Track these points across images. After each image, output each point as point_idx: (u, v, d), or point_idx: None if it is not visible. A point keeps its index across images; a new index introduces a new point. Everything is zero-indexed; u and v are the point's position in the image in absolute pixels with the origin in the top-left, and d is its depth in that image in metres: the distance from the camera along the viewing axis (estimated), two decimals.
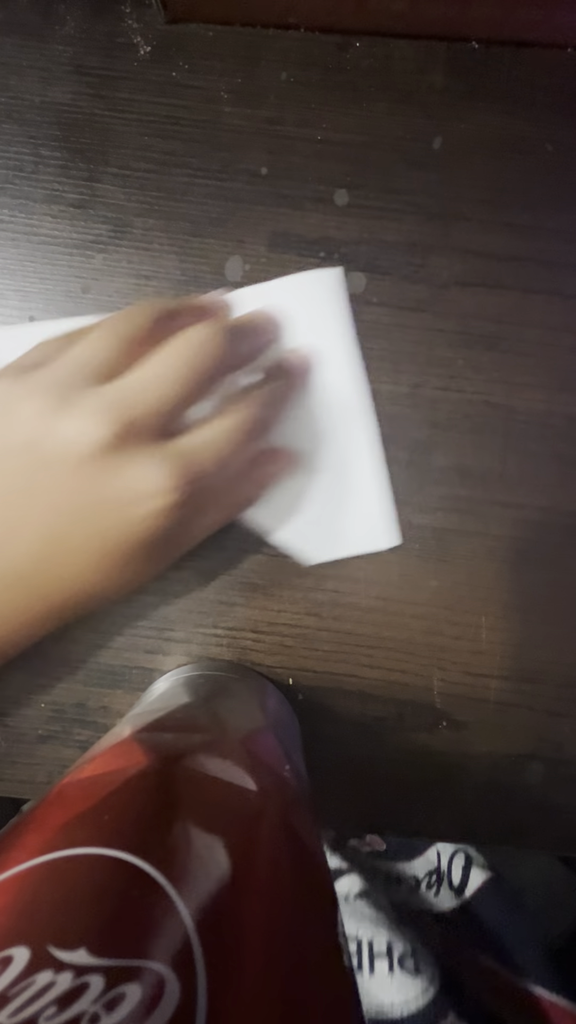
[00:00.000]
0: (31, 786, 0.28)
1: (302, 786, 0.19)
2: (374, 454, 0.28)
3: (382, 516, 0.28)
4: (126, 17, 0.28)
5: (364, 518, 0.28)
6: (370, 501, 0.28)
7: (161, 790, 0.14)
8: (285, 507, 0.28)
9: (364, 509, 0.28)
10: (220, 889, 0.12)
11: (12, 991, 0.09)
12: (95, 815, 0.13)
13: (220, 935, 0.10)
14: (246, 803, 0.15)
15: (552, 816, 0.28)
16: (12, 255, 0.28)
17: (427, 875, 0.42)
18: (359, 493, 0.28)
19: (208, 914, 0.11)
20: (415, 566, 0.28)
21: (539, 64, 0.28)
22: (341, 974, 0.12)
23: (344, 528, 0.28)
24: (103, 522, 0.20)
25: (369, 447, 0.28)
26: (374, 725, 0.28)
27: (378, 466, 0.28)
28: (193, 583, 0.28)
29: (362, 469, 0.28)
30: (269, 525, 0.28)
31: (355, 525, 0.28)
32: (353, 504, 0.28)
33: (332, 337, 0.28)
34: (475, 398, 0.28)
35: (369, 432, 0.28)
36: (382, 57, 0.29)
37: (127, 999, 0.09)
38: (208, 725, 0.19)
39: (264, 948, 0.11)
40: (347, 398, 0.28)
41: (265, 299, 0.27)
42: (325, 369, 0.28)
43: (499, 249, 0.28)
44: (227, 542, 0.28)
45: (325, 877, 0.15)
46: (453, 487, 0.28)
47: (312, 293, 0.28)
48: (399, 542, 0.28)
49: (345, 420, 0.28)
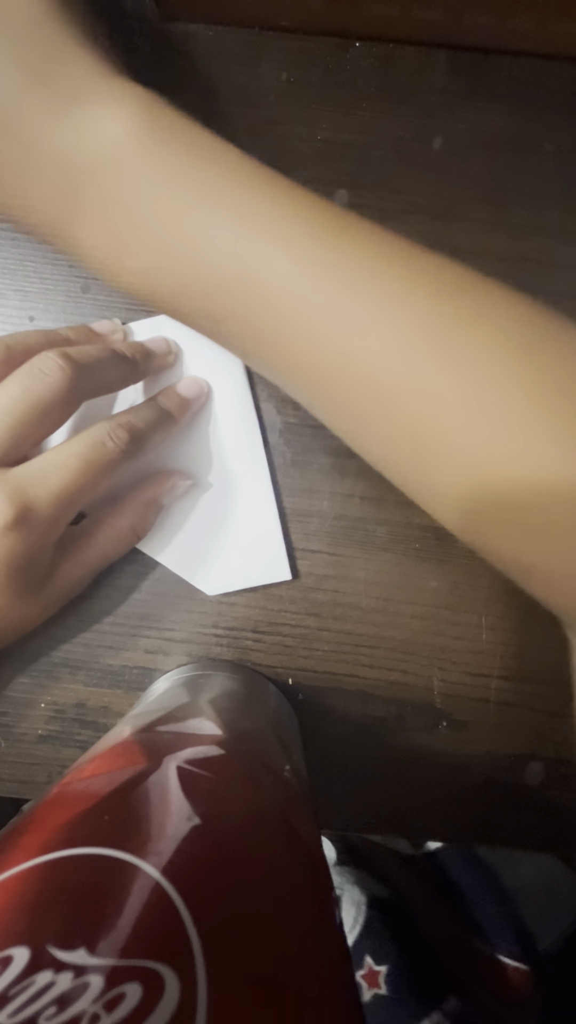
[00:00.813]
0: (31, 786, 0.28)
1: (302, 786, 0.19)
2: (265, 487, 0.28)
3: (273, 551, 0.28)
4: (126, 17, 0.28)
5: (257, 552, 0.28)
6: (262, 536, 0.28)
7: (161, 790, 0.14)
8: (180, 538, 0.28)
9: (257, 543, 0.28)
10: (220, 889, 0.12)
11: (12, 991, 0.09)
12: (95, 815, 0.13)
13: (220, 934, 0.10)
14: (246, 803, 0.15)
15: (552, 816, 0.28)
16: (12, 255, 0.28)
17: None
18: (251, 528, 0.28)
19: (208, 913, 0.11)
20: (415, 566, 0.28)
21: (538, 64, 0.28)
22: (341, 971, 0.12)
23: (240, 561, 0.28)
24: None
25: (260, 480, 0.28)
26: (374, 725, 0.28)
27: (269, 500, 0.28)
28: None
29: (253, 502, 0.28)
30: (168, 556, 0.28)
31: (249, 559, 0.28)
32: (246, 539, 0.28)
33: (225, 370, 0.28)
34: None
35: (260, 465, 0.28)
36: (382, 57, 0.29)
37: (127, 999, 0.09)
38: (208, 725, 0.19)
39: (265, 947, 0.11)
40: (238, 432, 0.28)
41: (163, 329, 0.27)
42: (220, 401, 0.28)
43: (499, 249, 0.28)
44: None
45: (325, 876, 0.15)
46: None
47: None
48: (290, 577, 0.28)
49: (237, 453, 0.28)
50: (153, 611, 0.28)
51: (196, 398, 0.27)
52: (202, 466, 0.28)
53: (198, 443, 0.28)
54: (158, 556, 0.28)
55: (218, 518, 0.28)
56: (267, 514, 0.28)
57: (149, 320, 0.28)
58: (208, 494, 0.28)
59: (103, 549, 0.25)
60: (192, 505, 0.28)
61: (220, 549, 0.28)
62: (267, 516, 0.28)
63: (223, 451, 0.28)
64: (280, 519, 0.28)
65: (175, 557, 0.28)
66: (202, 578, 0.28)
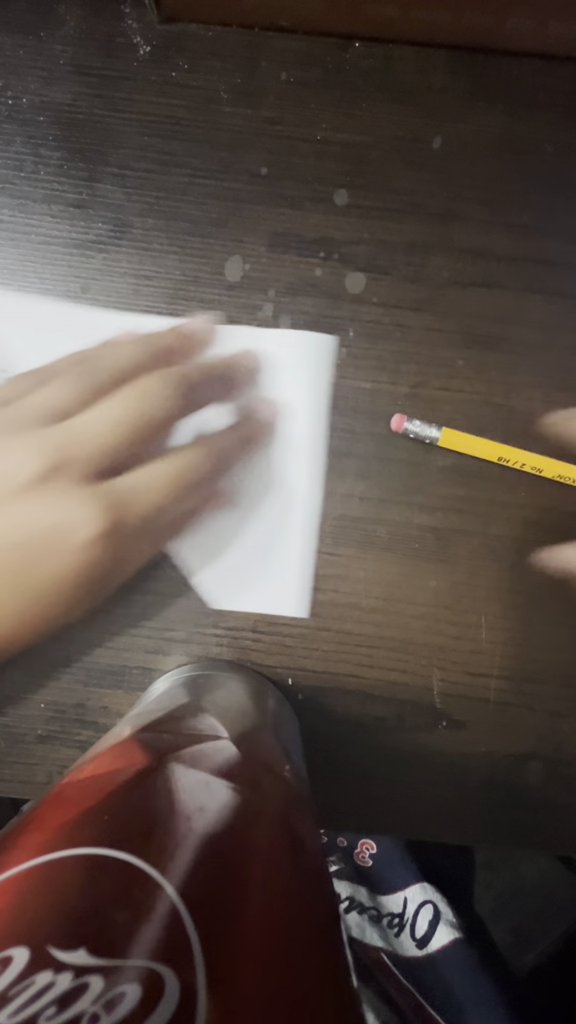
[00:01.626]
0: (31, 786, 0.28)
1: (302, 786, 0.19)
2: (309, 524, 0.28)
3: (298, 586, 0.28)
4: (126, 17, 0.28)
5: (281, 583, 0.28)
6: (291, 568, 0.28)
7: (161, 790, 0.14)
8: (210, 548, 0.28)
9: (284, 574, 0.28)
10: (220, 889, 0.12)
11: (12, 991, 0.09)
12: (95, 815, 0.13)
13: (220, 935, 0.10)
14: (246, 803, 0.15)
15: (552, 816, 0.28)
16: (12, 255, 0.28)
17: (390, 915, 0.42)
18: (284, 558, 0.28)
19: (208, 914, 0.11)
20: (415, 566, 0.28)
21: (539, 64, 0.28)
22: (342, 972, 0.12)
23: (259, 585, 0.28)
24: (30, 557, 0.21)
25: (306, 516, 0.28)
26: (374, 725, 0.28)
27: (309, 538, 0.28)
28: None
29: (294, 535, 0.28)
30: (191, 561, 0.28)
31: (270, 586, 0.28)
32: (275, 566, 0.28)
33: (307, 402, 0.28)
34: (475, 398, 0.28)
35: (311, 502, 0.28)
36: (382, 57, 0.29)
37: (127, 999, 0.09)
38: (208, 725, 0.19)
39: (264, 947, 0.11)
40: (301, 464, 0.28)
41: (254, 344, 0.27)
42: (291, 429, 0.28)
43: (499, 249, 0.28)
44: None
45: (325, 876, 0.15)
46: (453, 487, 0.28)
47: (301, 353, 0.28)
48: (306, 616, 0.28)
49: (293, 485, 0.28)
50: (153, 611, 0.28)
51: (275, 421, 0.27)
52: (255, 487, 0.28)
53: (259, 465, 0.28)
54: (176, 556, 0.28)
55: (254, 538, 0.28)
56: (304, 550, 0.28)
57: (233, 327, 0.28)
58: (252, 512, 0.28)
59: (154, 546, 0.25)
60: (232, 518, 0.28)
61: (244, 569, 0.28)
62: (303, 552, 0.28)
63: (282, 473, 0.28)
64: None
65: (194, 561, 0.28)
66: (212, 590, 0.28)
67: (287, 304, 0.28)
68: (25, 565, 0.20)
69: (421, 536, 0.28)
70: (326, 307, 0.28)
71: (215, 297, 0.28)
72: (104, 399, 0.22)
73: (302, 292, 0.28)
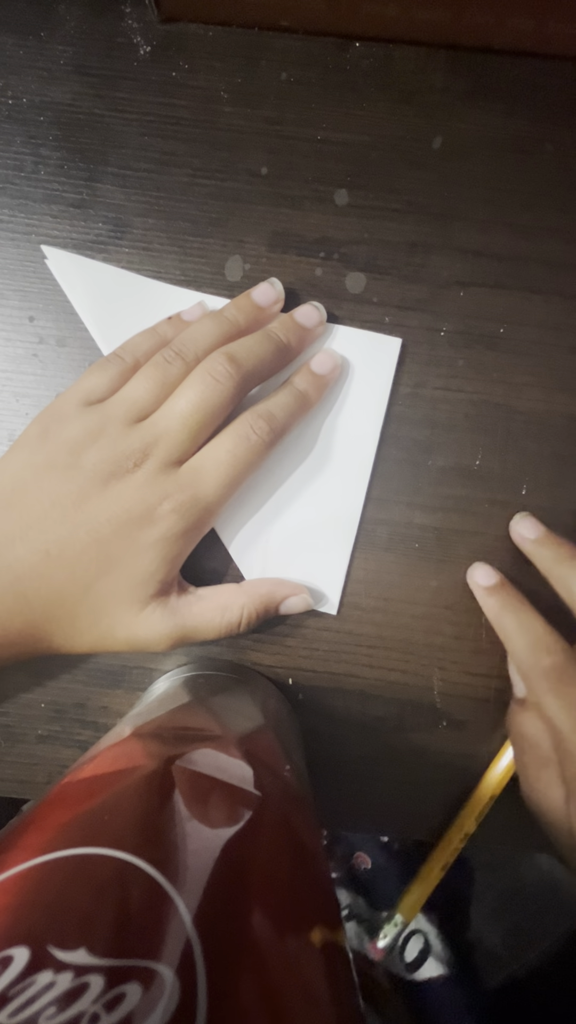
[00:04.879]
0: (31, 786, 0.28)
1: (302, 786, 0.19)
2: (352, 525, 0.28)
3: (331, 584, 0.28)
4: (126, 17, 0.28)
5: (315, 576, 0.28)
6: (329, 565, 0.28)
7: (161, 790, 0.14)
8: (249, 524, 0.28)
9: (322, 570, 0.28)
10: (220, 889, 0.12)
11: (12, 991, 0.09)
12: (95, 815, 0.13)
13: (220, 935, 0.10)
14: (246, 803, 0.15)
15: None
16: (12, 255, 0.28)
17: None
18: (323, 553, 0.28)
19: (208, 914, 0.11)
20: (415, 566, 0.28)
21: (538, 64, 0.28)
22: (342, 972, 0.12)
23: (294, 575, 0.28)
24: (119, 540, 0.24)
25: (351, 516, 0.28)
26: (374, 725, 0.28)
27: (350, 538, 0.28)
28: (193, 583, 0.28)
29: (336, 532, 0.28)
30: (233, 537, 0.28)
31: (305, 577, 0.28)
32: (314, 559, 0.28)
33: (368, 402, 0.28)
34: (475, 398, 0.28)
35: (356, 502, 0.28)
36: (382, 57, 0.29)
37: (127, 999, 0.09)
38: (208, 725, 0.19)
39: (264, 948, 0.11)
40: (354, 462, 0.28)
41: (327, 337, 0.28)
42: (349, 425, 0.28)
43: (499, 249, 0.28)
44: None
45: (325, 877, 0.15)
46: (453, 487, 0.28)
47: (369, 352, 0.28)
48: (334, 614, 0.28)
49: (343, 481, 0.28)
50: None
51: (331, 372, 0.27)
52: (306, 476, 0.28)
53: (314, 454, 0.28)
54: (222, 533, 0.28)
55: (298, 527, 0.28)
56: (344, 546, 0.28)
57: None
58: (301, 501, 0.28)
59: (206, 616, 0.26)
60: (280, 504, 0.28)
61: (285, 558, 0.28)
62: (343, 547, 0.28)
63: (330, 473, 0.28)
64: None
65: (237, 542, 0.28)
66: (251, 567, 0.28)
67: (287, 304, 0.28)
68: (129, 529, 0.23)
69: (421, 536, 0.28)
70: (327, 307, 0.28)
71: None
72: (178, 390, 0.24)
73: (302, 292, 0.28)
